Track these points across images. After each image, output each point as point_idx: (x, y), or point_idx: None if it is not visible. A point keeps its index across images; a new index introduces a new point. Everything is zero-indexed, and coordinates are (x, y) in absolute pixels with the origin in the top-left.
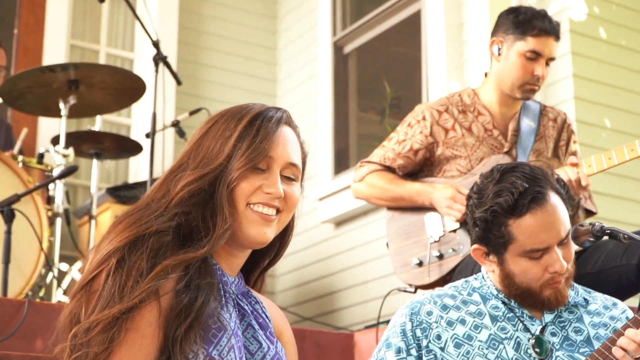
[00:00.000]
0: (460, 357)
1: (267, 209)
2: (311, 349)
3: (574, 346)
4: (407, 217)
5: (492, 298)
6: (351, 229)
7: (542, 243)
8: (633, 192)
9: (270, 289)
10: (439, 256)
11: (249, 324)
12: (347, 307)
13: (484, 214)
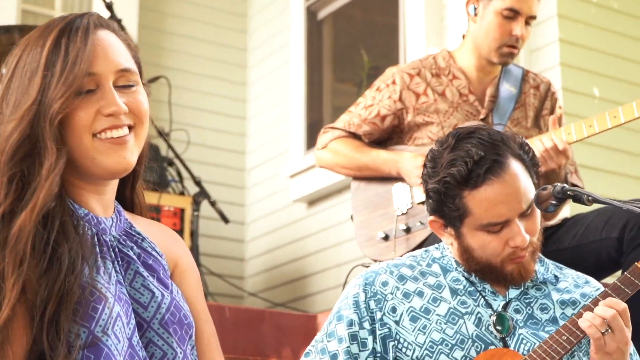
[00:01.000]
0: (416, 332)
1: (116, 132)
2: (271, 331)
3: (539, 324)
4: (373, 188)
5: (453, 270)
6: (325, 209)
7: (501, 216)
8: (626, 166)
9: (239, 273)
10: (405, 230)
11: (137, 272)
12: (320, 292)
13: (436, 185)
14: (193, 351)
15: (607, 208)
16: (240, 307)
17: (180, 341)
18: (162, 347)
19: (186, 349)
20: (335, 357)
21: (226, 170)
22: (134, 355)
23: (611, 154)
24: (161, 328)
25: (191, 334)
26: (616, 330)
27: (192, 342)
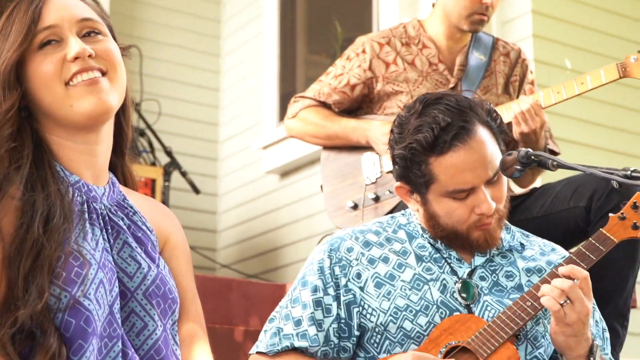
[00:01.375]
0: (380, 298)
1: (86, 74)
2: (239, 300)
3: (504, 292)
4: (343, 157)
5: (418, 237)
6: (297, 180)
7: (467, 183)
8: (598, 138)
9: (211, 245)
10: (374, 199)
11: (125, 242)
12: (293, 264)
13: (402, 151)
14: (174, 327)
15: (575, 178)
16: (208, 276)
17: (162, 314)
18: (144, 319)
19: (166, 323)
20: (299, 323)
21: (199, 142)
22: (113, 322)
23: (582, 126)
24: (144, 299)
25: (174, 309)
26: (575, 301)
27: (175, 318)
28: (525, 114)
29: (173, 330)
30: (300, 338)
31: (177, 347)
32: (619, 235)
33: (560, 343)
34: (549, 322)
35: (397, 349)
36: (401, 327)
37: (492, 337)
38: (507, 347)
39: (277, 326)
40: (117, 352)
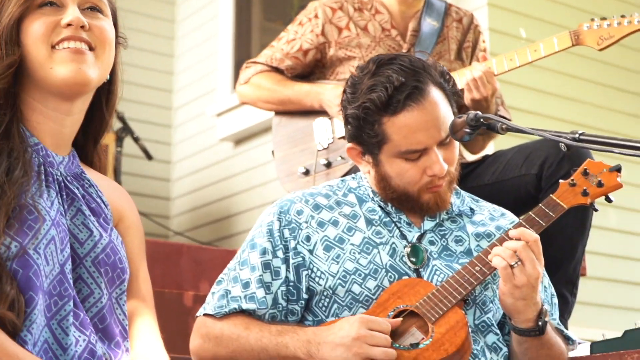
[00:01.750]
0: (329, 261)
1: (73, 43)
2: (189, 265)
3: (453, 256)
4: (295, 122)
5: (368, 200)
6: (251, 148)
7: (419, 144)
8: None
9: (164, 212)
10: (326, 164)
11: (79, 210)
12: (246, 231)
13: (356, 111)
14: (122, 297)
15: (527, 145)
16: (158, 241)
17: (109, 283)
18: (90, 286)
19: (112, 292)
20: (247, 285)
21: (153, 109)
22: (64, 281)
23: (534, 95)
24: (93, 267)
25: (123, 279)
26: (526, 262)
27: (123, 288)
28: (477, 81)
29: (120, 300)
30: (248, 300)
31: (125, 318)
32: (568, 201)
33: (509, 306)
34: (497, 287)
35: (346, 313)
36: (350, 291)
37: (440, 301)
38: (455, 312)
39: (225, 288)
40: (67, 312)
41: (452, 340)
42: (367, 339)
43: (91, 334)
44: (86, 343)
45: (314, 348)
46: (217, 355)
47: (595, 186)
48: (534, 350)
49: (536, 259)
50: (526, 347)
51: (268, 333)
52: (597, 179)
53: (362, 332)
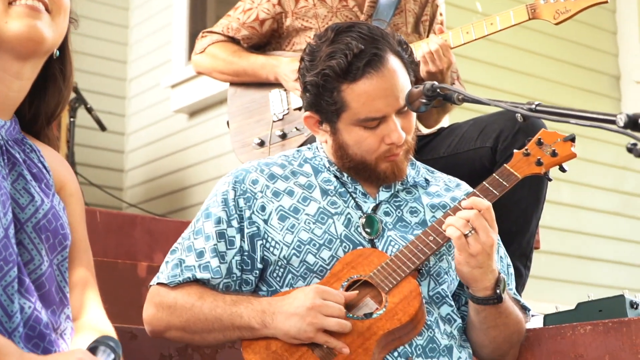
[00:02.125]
0: (284, 231)
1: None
2: (142, 236)
3: (408, 227)
4: (250, 93)
5: (324, 171)
6: (206, 120)
7: (378, 111)
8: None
9: (117, 184)
10: (281, 136)
11: (20, 174)
12: (200, 204)
13: (314, 78)
14: (63, 264)
15: (482, 118)
16: (112, 212)
17: (50, 250)
18: (31, 252)
19: (53, 259)
20: (202, 254)
21: (107, 80)
22: (9, 246)
23: (489, 69)
24: (34, 232)
25: (65, 245)
26: (480, 230)
27: (65, 255)
28: (433, 54)
29: (62, 267)
30: (202, 270)
31: (66, 285)
32: (522, 171)
33: (466, 274)
34: (452, 259)
35: (300, 283)
36: (304, 261)
37: (394, 271)
38: (408, 282)
39: (179, 257)
40: (12, 278)
41: (406, 310)
42: (321, 309)
43: (36, 301)
44: (32, 310)
45: (269, 318)
46: (170, 324)
47: (549, 156)
48: (492, 319)
49: (489, 226)
50: (484, 316)
51: (222, 302)
52: (551, 149)
53: (317, 302)
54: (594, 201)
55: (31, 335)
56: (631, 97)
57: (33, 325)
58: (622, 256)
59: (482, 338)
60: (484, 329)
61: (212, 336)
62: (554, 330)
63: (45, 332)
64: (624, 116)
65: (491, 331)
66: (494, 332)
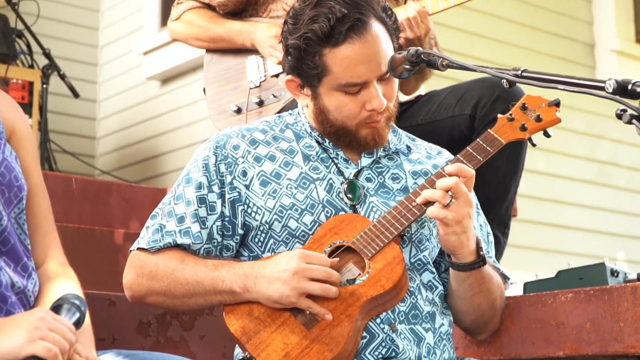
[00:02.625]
0: (266, 196)
1: None
2: (118, 203)
3: (390, 193)
4: (227, 60)
5: (306, 136)
6: (178, 87)
7: (360, 77)
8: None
9: (89, 152)
10: (258, 103)
11: None
12: (173, 171)
13: (297, 41)
14: (21, 215)
15: (460, 86)
16: (87, 178)
17: (6, 204)
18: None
19: (11, 212)
20: (182, 219)
21: (78, 47)
22: None
23: (467, 37)
24: None
25: (21, 197)
26: (460, 197)
27: (21, 207)
28: (411, 21)
29: (20, 219)
30: (183, 235)
31: (26, 237)
32: (507, 136)
33: (453, 242)
34: (434, 226)
35: (282, 248)
36: (286, 226)
37: (377, 237)
38: (391, 247)
39: (160, 223)
40: None
41: (389, 276)
42: (305, 273)
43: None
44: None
45: (251, 282)
46: (151, 289)
47: (533, 121)
48: (477, 285)
49: (468, 188)
50: (469, 283)
51: (204, 267)
52: (535, 114)
53: (301, 266)
54: (569, 170)
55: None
56: (605, 65)
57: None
58: (597, 225)
59: (466, 306)
60: (469, 296)
61: (193, 301)
62: (534, 297)
63: (6, 294)
64: (612, 82)
65: (475, 298)
66: (479, 299)
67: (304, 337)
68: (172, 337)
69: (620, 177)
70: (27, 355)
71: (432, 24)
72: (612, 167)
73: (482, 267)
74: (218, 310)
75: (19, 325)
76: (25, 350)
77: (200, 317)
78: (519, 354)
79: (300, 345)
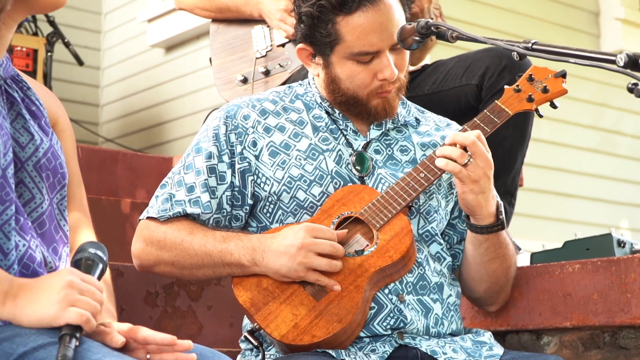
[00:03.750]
0: (275, 167)
1: None
2: (124, 172)
3: (398, 165)
4: (233, 30)
5: (315, 107)
6: (182, 54)
7: (372, 46)
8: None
9: (93, 119)
10: (265, 72)
11: (19, 113)
12: (177, 139)
13: (310, 9)
14: (62, 202)
15: (467, 55)
16: (93, 147)
17: (50, 188)
18: (32, 190)
19: (54, 197)
20: (192, 189)
21: (82, 13)
22: (5, 186)
23: (472, 5)
24: (34, 171)
25: (64, 184)
26: (478, 156)
27: (63, 193)
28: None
29: (61, 205)
30: (193, 204)
31: (66, 224)
32: (513, 107)
33: (471, 202)
34: (442, 197)
35: (290, 219)
36: (294, 197)
37: (385, 208)
38: (400, 218)
39: (169, 192)
40: (9, 216)
41: (397, 247)
42: (312, 247)
43: (31, 239)
44: (26, 248)
45: (259, 256)
46: (159, 259)
47: (540, 92)
48: (493, 250)
49: (486, 150)
50: (486, 247)
51: (212, 239)
52: (542, 85)
53: (307, 240)
54: (573, 138)
55: (25, 273)
56: (610, 34)
57: (27, 263)
58: (601, 193)
59: (481, 273)
60: (485, 262)
61: (201, 272)
62: (542, 268)
63: (39, 270)
64: (624, 56)
65: (491, 264)
66: (494, 265)
67: (313, 308)
68: (179, 307)
69: (624, 146)
70: (61, 325)
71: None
72: (617, 136)
73: (500, 232)
74: (225, 280)
75: (48, 290)
76: (58, 319)
77: (208, 287)
78: (525, 325)
79: (309, 316)
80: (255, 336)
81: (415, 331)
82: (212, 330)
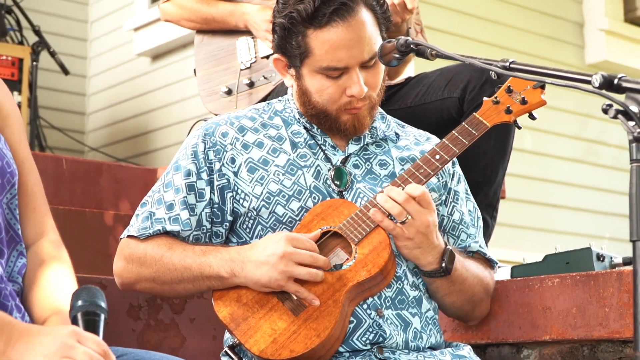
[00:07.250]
0: (253, 182)
1: None
2: (109, 184)
3: (377, 179)
4: (217, 41)
5: (294, 123)
6: (169, 63)
7: (340, 61)
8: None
9: (79, 127)
10: (249, 84)
11: None
12: (163, 148)
13: (282, 20)
14: (13, 201)
15: (449, 68)
16: (78, 159)
17: None
18: None
19: (3, 198)
20: (172, 207)
21: (68, 22)
22: None
23: (457, 17)
24: None
25: (13, 183)
26: (413, 214)
27: (14, 192)
28: (397, 7)
29: (11, 204)
30: (172, 222)
31: (17, 222)
32: (492, 119)
33: (406, 255)
34: None
35: (269, 234)
36: (273, 212)
37: (363, 222)
38: (378, 232)
39: (149, 210)
40: None
41: (375, 261)
42: (292, 257)
43: None
44: None
45: (238, 267)
46: (140, 275)
47: (518, 103)
48: (444, 288)
49: (424, 208)
50: (436, 286)
51: (191, 252)
52: (520, 96)
53: (288, 249)
54: (557, 148)
55: None
56: (594, 45)
57: None
58: (585, 203)
59: (441, 303)
60: (441, 296)
61: (181, 286)
62: (521, 282)
63: (0, 286)
64: (599, 77)
65: (447, 298)
66: (451, 299)
67: (292, 323)
68: (162, 320)
69: (608, 156)
70: None
71: (423, 7)
72: (600, 146)
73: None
74: (208, 293)
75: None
76: None
77: (191, 300)
78: (505, 338)
79: (287, 330)
80: (235, 351)
81: (394, 345)
82: (195, 343)
